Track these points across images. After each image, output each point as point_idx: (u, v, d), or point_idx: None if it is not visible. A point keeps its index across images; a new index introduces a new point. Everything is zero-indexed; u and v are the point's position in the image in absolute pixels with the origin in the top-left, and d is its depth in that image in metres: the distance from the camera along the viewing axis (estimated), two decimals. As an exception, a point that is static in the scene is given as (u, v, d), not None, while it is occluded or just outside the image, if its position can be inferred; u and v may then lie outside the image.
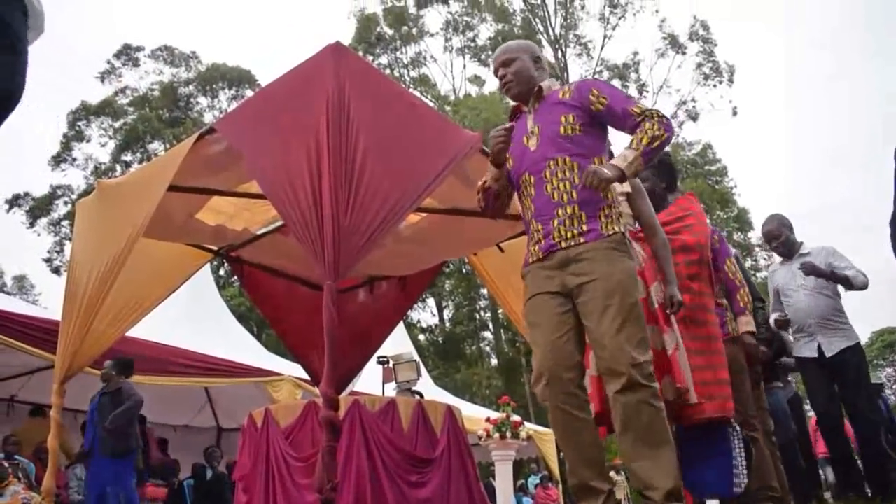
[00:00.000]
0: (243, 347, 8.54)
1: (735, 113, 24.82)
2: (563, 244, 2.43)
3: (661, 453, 2.28)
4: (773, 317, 4.37)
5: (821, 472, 6.48)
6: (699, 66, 24.83)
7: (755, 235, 25.12)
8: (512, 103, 2.74)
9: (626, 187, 3.01)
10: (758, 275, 23.74)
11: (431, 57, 26.40)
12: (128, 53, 27.70)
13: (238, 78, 27.31)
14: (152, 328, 5.77)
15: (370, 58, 23.82)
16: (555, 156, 2.48)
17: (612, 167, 2.34)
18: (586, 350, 2.56)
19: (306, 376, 5.89)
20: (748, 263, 24.84)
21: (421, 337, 24.13)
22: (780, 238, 4.46)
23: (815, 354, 4.22)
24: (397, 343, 7.11)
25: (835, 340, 4.19)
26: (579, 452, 2.41)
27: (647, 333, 2.39)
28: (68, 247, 23.92)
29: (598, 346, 2.35)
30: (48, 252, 25.54)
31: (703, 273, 3.21)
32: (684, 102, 25.01)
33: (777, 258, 4.73)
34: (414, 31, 25.53)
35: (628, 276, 2.40)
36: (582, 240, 2.41)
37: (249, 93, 26.56)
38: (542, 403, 2.51)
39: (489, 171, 2.61)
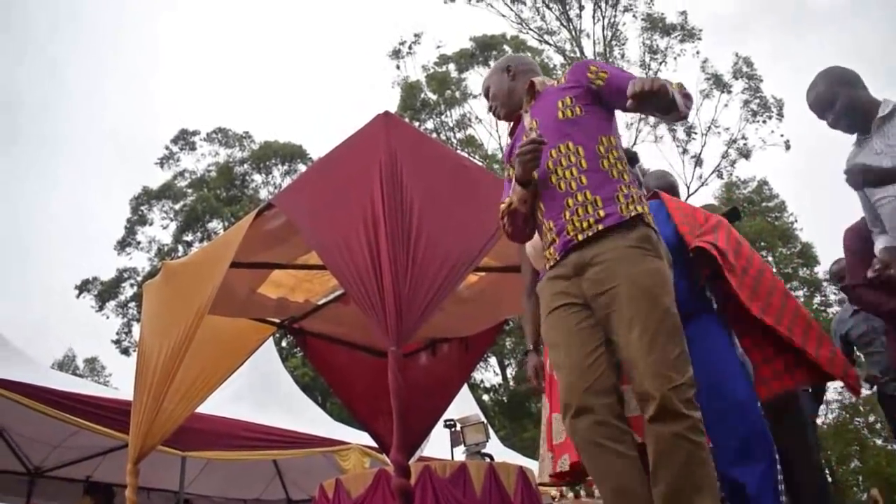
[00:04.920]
0: (309, 418, 8.54)
1: (788, 147, 24.36)
2: (580, 237, 2.11)
3: None
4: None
5: None
6: (746, 103, 24.59)
7: (822, 270, 24.37)
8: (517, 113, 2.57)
9: None
10: (828, 311, 22.91)
11: (476, 118, 26.79)
12: (184, 138, 28.91)
13: (290, 154, 28.14)
14: (219, 403, 5.82)
15: (416, 123, 24.29)
16: (556, 144, 2.22)
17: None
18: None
19: (373, 444, 5.85)
20: (817, 300, 24.03)
21: (485, 397, 23.87)
22: (836, 105, 2.72)
23: None
24: (462, 404, 7.03)
25: None
26: (623, 497, 1.95)
27: (686, 348, 2.01)
28: (136, 328, 24.66)
29: (628, 366, 1.99)
30: (117, 334, 26.29)
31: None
32: (734, 141, 24.70)
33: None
34: (457, 94, 26.00)
35: (656, 279, 2.03)
36: (600, 227, 2.08)
37: (302, 167, 27.33)
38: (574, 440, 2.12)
39: (514, 191, 2.30)
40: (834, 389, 22.24)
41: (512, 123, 2.59)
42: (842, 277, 3.88)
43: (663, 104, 2.07)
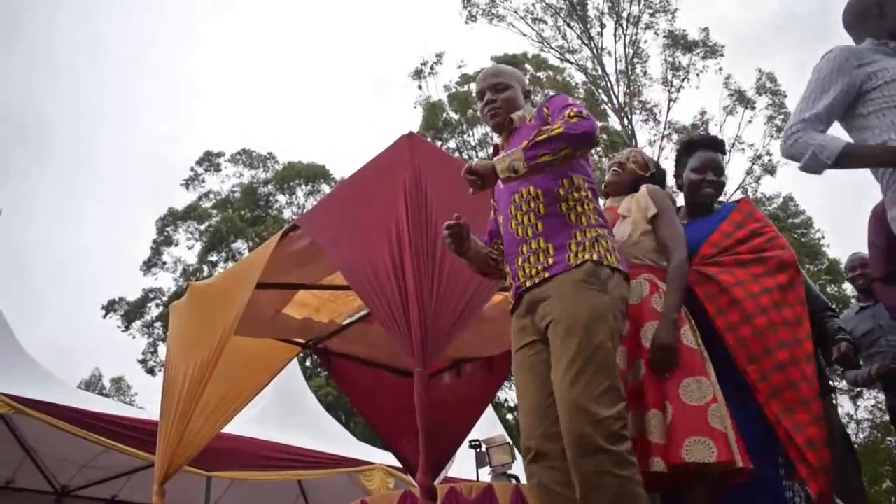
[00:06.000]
0: (333, 437, 8.53)
1: (814, 162, 24.01)
2: (528, 283, 2.14)
3: None
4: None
5: None
6: (770, 118, 24.37)
7: (850, 287, 23.97)
8: (494, 143, 2.57)
9: (652, 209, 2.61)
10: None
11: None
12: (209, 160, 29.21)
13: (313, 174, 28.32)
14: (243, 423, 5.84)
15: (439, 142, 24.38)
16: (519, 188, 2.23)
17: (486, 161, 2.13)
18: None
19: (398, 464, 5.82)
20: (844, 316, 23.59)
21: (509, 416, 23.68)
22: None
23: None
24: (487, 424, 6.98)
25: None
26: None
27: (616, 383, 1.96)
28: (161, 348, 24.83)
29: (557, 403, 1.96)
30: (143, 353, 26.43)
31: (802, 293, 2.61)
32: (759, 157, 24.47)
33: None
34: (479, 113, 26.06)
35: (593, 313, 1.99)
36: (547, 274, 2.10)
37: (325, 187, 27.49)
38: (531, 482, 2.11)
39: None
40: (864, 408, 21.85)
41: (492, 154, 2.52)
42: (853, 268, 3.83)
43: (489, 180, 2.13)
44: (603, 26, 25.83)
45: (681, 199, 3.04)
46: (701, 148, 2.89)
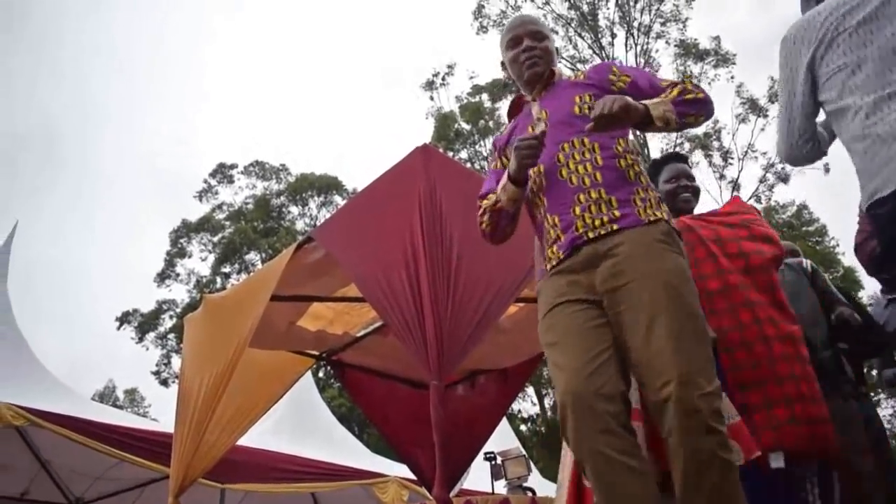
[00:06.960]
0: (346, 449, 8.52)
1: (827, 170, 23.89)
2: (591, 234, 1.90)
3: None
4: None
5: None
6: (783, 127, 24.21)
7: (865, 294, 23.76)
8: (518, 94, 2.34)
9: None
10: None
11: (510, 146, 26.74)
12: (222, 172, 29.42)
13: (326, 185, 28.45)
14: (257, 435, 5.83)
15: (450, 153, 24.41)
16: (569, 138, 2.01)
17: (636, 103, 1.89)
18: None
19: (412, 476, 5.79)
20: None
21: (523, 427, 23.59)
22: None
23: None
24: (501, 437, 6.94)
25: None
26: None
27: (712, 354, 1.79)
28: (175, 359, 24.91)
29: (647, 372, 1.73)
30: (156, 365, 26.55)
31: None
32: (772, 165, 24.34)
33: None
34: (490, 123, 26.11)
35: (680, 276, 1.83)
36: (615, 226, 1.88)
37: (338, 198, 27.60)
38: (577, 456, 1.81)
39: (505, 189, 2.09)
40: (882, 418, 21.58)
41: (509, 110, 2.38)
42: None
43: (633, 123, 1.92)
44: (614, 36, 25.87)
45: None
46: (667, 163, 2.97)
